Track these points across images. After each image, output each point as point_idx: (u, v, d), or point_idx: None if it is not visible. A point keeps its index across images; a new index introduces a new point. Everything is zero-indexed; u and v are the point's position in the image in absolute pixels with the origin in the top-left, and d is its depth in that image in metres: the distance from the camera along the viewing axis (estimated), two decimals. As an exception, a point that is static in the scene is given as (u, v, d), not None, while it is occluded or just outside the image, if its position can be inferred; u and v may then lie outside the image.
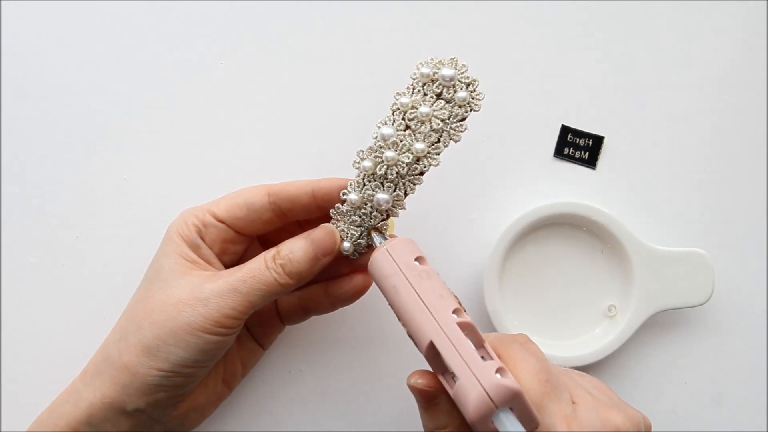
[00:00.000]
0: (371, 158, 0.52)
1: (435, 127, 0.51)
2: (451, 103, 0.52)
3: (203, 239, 0.55)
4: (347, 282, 0.56)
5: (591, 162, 0.64)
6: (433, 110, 0.51)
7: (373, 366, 0.63)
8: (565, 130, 0.64)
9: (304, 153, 0.63)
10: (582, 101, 0.64)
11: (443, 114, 0.51)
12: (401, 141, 0.51)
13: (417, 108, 0.51)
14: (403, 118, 0.52)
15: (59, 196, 0.62)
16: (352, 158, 0.53)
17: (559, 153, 0.64)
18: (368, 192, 0.53)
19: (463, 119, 0.52)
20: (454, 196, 0.63)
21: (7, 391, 0.62)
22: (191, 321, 0.51)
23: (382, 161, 0.52)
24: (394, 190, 0.52)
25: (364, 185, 0.53)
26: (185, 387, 0.54)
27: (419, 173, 0.52)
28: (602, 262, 0.63)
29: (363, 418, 0.63)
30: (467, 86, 0.52)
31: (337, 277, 0.57)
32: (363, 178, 0.53)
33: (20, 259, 0.62)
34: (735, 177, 0.65)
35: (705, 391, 0.64)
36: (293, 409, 0.63)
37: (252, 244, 0.58)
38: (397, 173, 0.52)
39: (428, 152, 0.52)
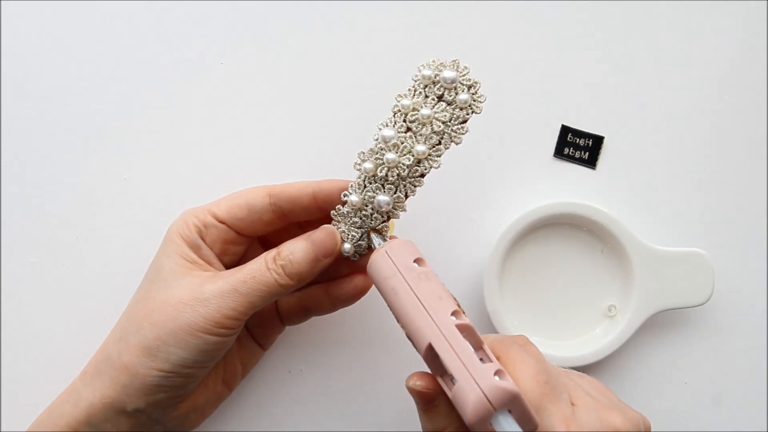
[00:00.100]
0: (372, 160, 0.52)
1: (436, 129, 0.51)
2: (453, 106, 0.51)
3: (204, 240, 0.55)
4: (348, 283, 0.56)
5: (591, 162, 0.64)
6: (435, 112, 0.51)
7: (373, 366, 0.63)
8: (565, 130, 0.64)
9: (304, 153, 0.63)
10: (582, 101, 0.64)
11: (444, 116, 0.51)
12: (402, 143, 0.51)
13: (418, 110, 0.51)
14: (404, 120, 0.52)
15: (59, 196, 0.62)
16: (353, 158, 0.53)
17: (559, 153, 0.64)
18: (369, 194, 0.52)
19: (465, 121, 0.52)
20: (455, 196, 0.63)
21: (7, 391, 0.62)
22: (191, 321, 0.51)
23: (383, 163, 0.52)
24: (395, 192, 0.52)
25: (365, 187, 0.53)
26: (185, 387, 0.54)
27: (420, 175, 0.52)
28: (602, 262, 0.63)
29: (363, 419, 0.63)
30: (469, 88, 0.51)
31: (338, 278, 0.57)
32: (364, 180, 0.53)
33: (20, 259, 0.62)
34: (735, 177, 0.65)
35: (705, 391, 0.64)
36: (293, 409, 0.63)
37: (252, 245, 0.58)
38: (398, 175, 0.52)
39: (429, 154, 0.51)
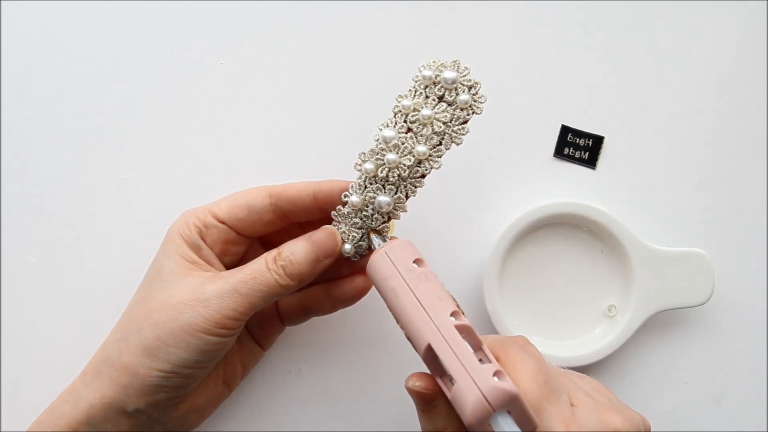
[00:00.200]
0: (373, 160, 0.52)
1: (437, 130, 0.51)
2: (453, 106, 0.51)
3: (204, 240, 0.55)
4: (348, 283, 0.56)
5: (591, 162, 0.64)
6: (435, 113, 0.51)
7: (373, 366, 0.63)
8: (565, 130, 0.64)
9: (305, 153, 0.63)
10: (582, 101, 0.64)
11: (445, 117, 0.51)
12: (403, 143, 0.51)
13: (419, 110, 0.51)
14: (405, 121, 0.52)
15: (59, 196, 0.62)
16: (353, 158, 0.53)
17: (559, 153, 0.64)
18: (369, 194, 0.52)
19: (465, 122, 0.52)
20: (455, 197, 0.63)
21: (7, 391, 0.62)
22: (192, 322, 0.51)
23: (384, 164, 0.51)
24: (396, 193, 0.52)
25: (366, 187, 0.53)
26: (185, 388, 0.54)
27: (421, 176, 0.52)
28: (602, 262, 0.63)
29: (363, 419, 0.63)
30: (469, 89, 0.51)
31: (338, 279, 0.57)
32: (364, 181, 0.53)
33: (20, 259, 0.62)
34: (735, 177, 0.65)
35: (705, 391, 0.64)
36: (293, 409, 0.63)
37: (253, 245, 0.58)
38: (399, 176, 0.52)
39: (430, 155, 0.51)
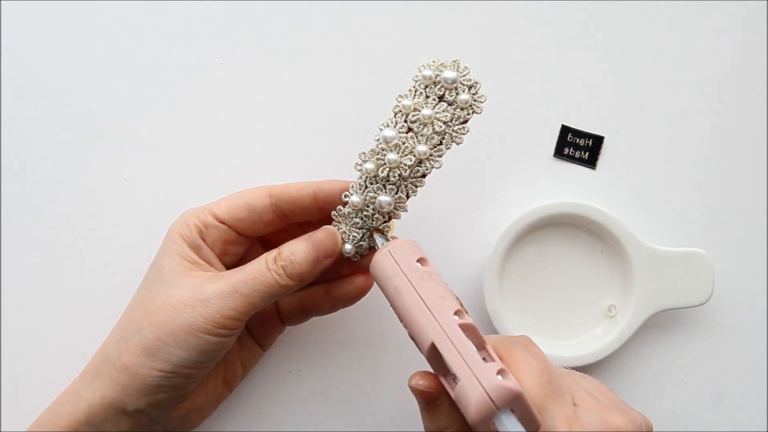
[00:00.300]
0: (373, 160, 0.52)
1: (437, 130, 0.51)
2: (453, 106, 0.51)
3: (204, 240, 0.55)
4: (348, 283, 0.56)
5: (591, 162, 0.64)
6: (435, 113, 0.51)
7: (374, 366, 0.63)
8: (565, 130, 0.64)
9: (305, 153, 0.63)
10: (582, 101, 0.64)
11: (445, 116, 0.51)
12: (403, 143, 0.51)
13: (419, 110, 0.51)
14: (405, 121, 0.52)
15: (59, 196, 0.62)
16: (353, 158, 0.53)
17: (559, 153, 0.64)
18: (370, 194, 0.52)
19: (465, 121, 0.52)
20: (455, 196, 0.63)
21: (7, 391, 0.62)
22: (192, 322, 0.51)
23: (384, 163, 0.51)
24: (396, 193, 0.52)
25: (366, 187, 0.53)
26: (185, 388, 0.54)
27: (421, 175, 0.52)
28: (602, 262, 0.63)
29: (363, 419, 0.63)
30: (469, 88, 0.51)
31: (338, 279, 0.57)
32: (365, 180, 0.53)
33: (20, 259, 0.62)
34: (735, 177, 0.65)
35: (705, 391, 0.64)
36: (293, 409, 0.63)
37: (253, 246, 0.58)
38: (399, 175, 0.52)
39: (430, 154, 0.51)
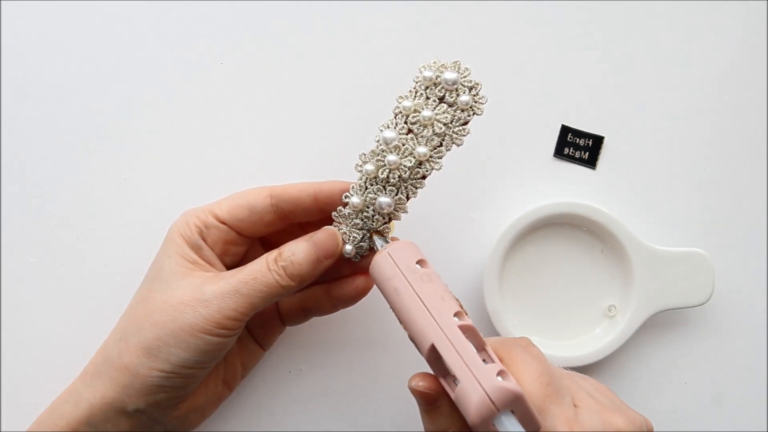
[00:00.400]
0: (373, 161, 0.52)
1: (437, 131, 0.51)
2: (454, 107, 0.51)
3: (205, 240, 0.55)
4: (348, 284, 0.56)
5: (591, 162, 0.64)
6: (436, 114, 0.51)
7: (374, 366, 0.63)
8: (565, 130, 0.64)
9: (305, 153, 0.63)
10: (582, 101, 0.64)
11: (446, 118, 0.51)
12: (403, 145, 0.51)
13: (419, 112, 0.51)
14: (406, 122, 0.52)
15: (59, 196, 0.62)
16: (353, 159, 0.53)
17: (559, 153, 0.64)
18: (370, 195, 0.52)
19: (466, 123, 0.51)
20: (455, 197, 0.63)
21: (7, 391, 0.62)
22: (192, 322, 0.51)
23: (385, 165, 0.51)
24: (396, 194, 0.52)
25: (367, 188, 0.52)
26: (186, 388, 0.54)
27: (421, 177, 0.52)
28: (602, 262, 0.63)
29: (363, 419, 0.63)
30: (470, 90, 0.51)
31: (339, 279, 0.57)
32: (365, 182, 0.52)
33: (20, 259, 0.62)
34: (735, 177, 0.65)
35: (705, 391, 0.64)
36: (293, 409, 0.63)
37: (253, 246, 0.58)
38: (400, 177, 0.52)
39: (430, 156, 0.51)
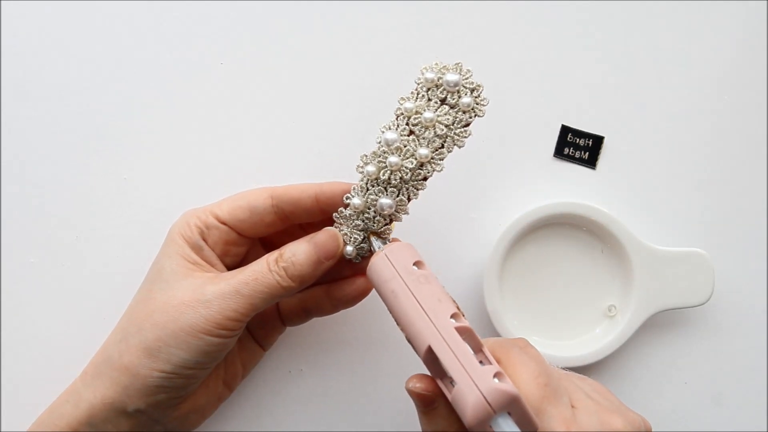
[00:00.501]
0: (375, 163, 0.52)
1: (439, 133, 0.51)
2: (455, 109, 0.51)
3: (205, 240, 0.55)
4: (349, 284, 0.56)
5: (591, 162, 0.64)
6: (437, 116, 0.51)
7: (374, 367, 0.63)
8: (565, 130, 0.64)
9: (305, 153, 0.63)
10: (582, 101, 0.64)
11: (447, 119, 0.51)
12: (405, 146, 0.51)
13: (421, 113, 0.51)
14: (407, 123, 0.52)
15: (59, 196, 0.62)
16: (353, 159, 0.53)
17: (559, 153, 0.64)
18: (371, 197, 0.52)
19: (467, 125, 0.51)
20: (455, 197, 0.63)
21: (7, 391, 0.62)
22: (193, 323, 0.51)
23: (386, 166, 0.51)
24: (398, 195, 0.52)
25: (368, 190, 0.52)
26: (186, 388, 0.54)
27: (423, 178, 0.52)
28: (602, 262, 0.63)
29: (363, 419, 0.63)
30: (471, 92, 0.51)
31: (339, 280, 0.57)
32: (366, 183, 0.52)
33: (20, 259, 0.62)
34: (735, 177, 0.65)
35: (705, 391, 0.64)
36: (293, 409, 0.63)
37: (254, 247, 0.58)
38: (401, 178, 0.52)
39: (432, 158, 0.51)
